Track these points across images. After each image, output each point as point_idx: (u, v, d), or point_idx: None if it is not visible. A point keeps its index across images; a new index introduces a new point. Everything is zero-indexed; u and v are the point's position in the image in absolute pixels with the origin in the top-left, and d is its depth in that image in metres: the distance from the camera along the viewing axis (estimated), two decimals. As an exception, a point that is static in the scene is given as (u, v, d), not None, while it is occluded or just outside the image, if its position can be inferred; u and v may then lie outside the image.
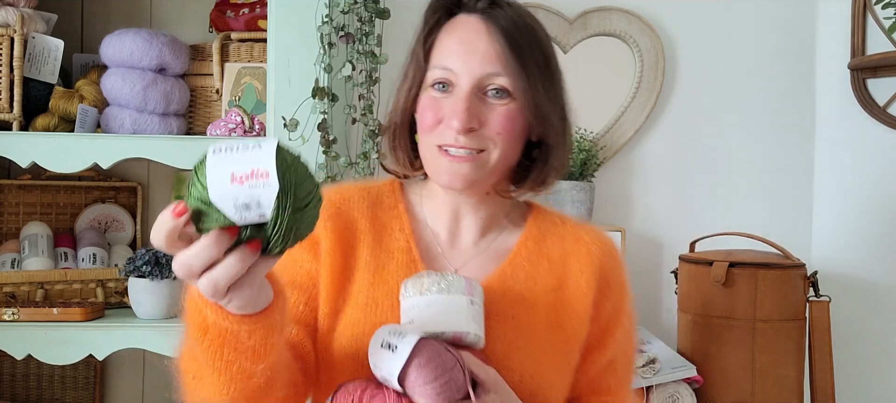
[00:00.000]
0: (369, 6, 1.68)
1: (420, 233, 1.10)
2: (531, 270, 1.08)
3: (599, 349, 1.11)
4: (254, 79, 1.87)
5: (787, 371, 1.84)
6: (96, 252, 1.91)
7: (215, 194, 0.68)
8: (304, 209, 0.71)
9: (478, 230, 1.10)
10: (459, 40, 1.02)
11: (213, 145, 0.70)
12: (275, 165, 0.68)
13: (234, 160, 0.68)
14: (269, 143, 0.69)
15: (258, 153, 0.68)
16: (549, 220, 1.14)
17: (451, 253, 1.09)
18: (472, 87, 1.00)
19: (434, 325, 0.93)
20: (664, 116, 2.20)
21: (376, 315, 1.02)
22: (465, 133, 0.99)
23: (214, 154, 0.69)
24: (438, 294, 0.94)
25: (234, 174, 0.68)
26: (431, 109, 1.02)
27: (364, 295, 1.03)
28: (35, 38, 1.79)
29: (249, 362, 0.81)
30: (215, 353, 0.80)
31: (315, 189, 0.72)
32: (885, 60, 2.05)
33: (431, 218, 1.11)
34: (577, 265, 1.09)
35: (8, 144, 1.69)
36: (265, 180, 0.68)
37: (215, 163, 0.68)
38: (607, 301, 1.10)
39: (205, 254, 0.70)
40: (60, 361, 1.68)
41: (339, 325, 1.02)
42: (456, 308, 0.94)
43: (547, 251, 1.10)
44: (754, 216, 2.19)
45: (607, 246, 1.12)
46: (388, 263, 1.05)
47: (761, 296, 1.82)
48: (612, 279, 1.11)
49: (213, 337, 0.79)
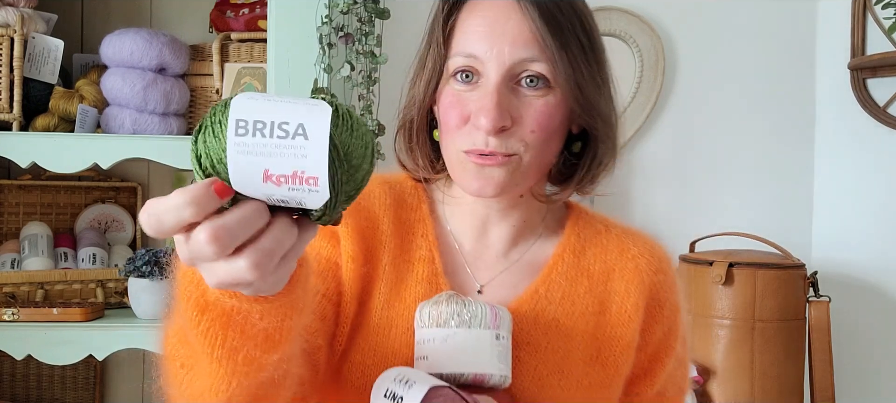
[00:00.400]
0: (369, 6, 1.68)
1: (445, 242, 0.95)
2: (568, 289, 0.93)
3: (646, 380, 0.97)
4: (254, 79, 1.87)
5: (787, 371, 1.84)
6: (96, 252, 1.91)
7: (239, 184, 0.53)
8: (358, 178, 0.56)
9: (508, 239, 0.95)
10: (485, 20, 0.85)
11: (237, 105, 0.53)
12: (328, 169, 0.52)
13: (267, 151, 0.51)
14: (319, 128, 0.52)
15: (303, 147, 0.51)
16: (591, 227, 0.98)
17: (477, 266, 0.94)
18: (503, 77, 0.84)
19: (452, 365, 0.80)
20: (664, 116, 2.20)
21: (390, 340, 0.88)
22: (495, 134, 0.83)
23: (238, 134, 0.52)
24: (458, 327, 0.81)
25: (269, 172, 0.52)
26: (456, 106, 0.86)
27: (378, 315, 0.89)
28: (35, 38, 1.79)
29: (260, 350, 0.63)
30: (216, 338, 0.62)
31: (368, 146, 0.56)
32: (885, 60, 2.05)
33: (454, 223, 0.96)
34: (621, 283, 0.94)
35: (8, 144, 1.69)
36: (312, 187, 0.52)
37: (239, 151, 0.52)
38: (657, 325, 0.95)
39: (247, 227, 0.53)
40: (60, 361, 1.68)
41: (351, 350, 0.89)
42: (478, 345, 0.81)
43: (587, 265, 0.95)
44: (754, 216, 2.19)
45: (658, 260, 0.96)
46: (407, 275, 0.91)
47: (761, 296, 1.82)
48: (663, 299, 0.95)
49: (214, 318, 0.61)
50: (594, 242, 0.96)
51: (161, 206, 0.53)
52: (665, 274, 0.96)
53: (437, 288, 0.90)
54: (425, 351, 0.82)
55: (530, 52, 0.84)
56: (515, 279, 0.94)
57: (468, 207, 0.95)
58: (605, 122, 0.89)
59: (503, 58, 0.84)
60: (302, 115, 0.52)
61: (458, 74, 0.87)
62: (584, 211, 1.00)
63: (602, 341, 0.92)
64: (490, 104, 0.83)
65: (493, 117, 0.82)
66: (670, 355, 0.97)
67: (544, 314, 0.91)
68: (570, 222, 0.98)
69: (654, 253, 0.96)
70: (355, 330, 0.89)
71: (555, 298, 0.92)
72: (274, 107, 0.52)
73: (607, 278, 0.94)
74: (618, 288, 0.94)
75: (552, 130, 0.86)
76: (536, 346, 0.89)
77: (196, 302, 0.62)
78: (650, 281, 0.94)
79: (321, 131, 0.51)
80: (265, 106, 0.52)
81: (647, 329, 0.94)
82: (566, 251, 0.95)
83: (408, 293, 0.90)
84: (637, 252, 0.96)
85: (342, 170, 0.53)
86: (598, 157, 0.91)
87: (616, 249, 0.96)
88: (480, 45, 0.85)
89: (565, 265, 0.94)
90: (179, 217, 0.52)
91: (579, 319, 0.91)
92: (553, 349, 0.89)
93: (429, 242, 0.93)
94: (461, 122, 0.86)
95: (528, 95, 0.85)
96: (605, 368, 0.91)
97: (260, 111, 0.52)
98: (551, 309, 0.91)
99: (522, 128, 0.84)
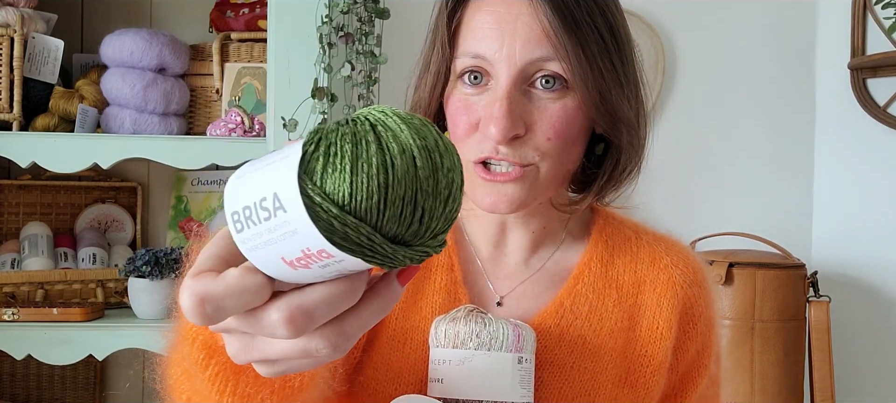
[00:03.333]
0: (369, 6, 1.68)
1: (464, 248, 0.88)
2: (596, 302, 0.85)
3: (676, 400, 0.89)
4: (254, 79, 1.87)
5: (787, 371, 1.84)
6: (96, 252, 1.91)
7: (278, 276, 0.44)
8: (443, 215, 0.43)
9: (527, 246, 0.87)
10: (493, 17, 0.77)
11: (228, 194, 0.43)
12: (331, 240, 0.40)
13: (267, 239, 0.41)
14: (289, 191, 0.40)
15: (288, 222, 0.40)
16: (620, 233, 0.90)
17: (497, 275, 0.87)
18: (514, 79, 0.76)
19: (469, 391, 0.74)
20: (664, 116, 2.20)
21: (404, 355, 0.81)
22: (507, 143, 0.76)
23: (238, 231, 0.42)
24: (477, 349, 0.75)
25: (285, 259, 0.42)
26: (463, 112, 0.78)
27: (392, 326, 0.82)
28: (35, 38, 1.79)
29: (277, 398, 0.57)
30: (225, 385, 0.55)
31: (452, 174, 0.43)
32: (885, 60, 2.05)
33: (471, 229, 0.89)
34: (653, 296, 0.86)
35: (8, 144, 1.69)
36: (331, 260, 0.41)
37: (248, 248, 0.43)
38: (691, 341, 0.87)
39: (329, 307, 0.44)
40: (60, 361, 1.68)
41: (365, 365, 0.82)
42: (499, 369, 0.74)
43: (616, 276, 0.87)
44: (754, 216, 2.19)
45: (693, 271, 0.89)
46: (425, 284, 0.84)
47: (761, 296, 1.82)
48: (697, 314, 0.87)
49: (224, 363, 0.55)
50: (623, 250, 0.88)
51: (218, 291, 0.43)
52: (700, 286, 0.88)
53: (455, 299, 0.83)
54: (440, 374, 0.76)
55: (544, 50, 0.75)
56: (538, 290, 0.86)
57: (484, 213, 0.85)
58: (629, 128, 0.81)
59: (514, 58, 0.75)
60: (273, 180, 0.40)
61: (466, 76, 0.79)
62: (611, 216, 0.92)
63: (632, 361, 0.84)
64: (500, 112, 0.74)
65: (504, 127, 0.74)
66: (703, 374, 0.89)
67: (570, 330, 0.83)
68: (597, 228, 0.89)
69: (689, 263, 0.89)
70: (370, 343, 0.82)
71: (581, 313, 0.84)
72: (255, 180, 0.42)
73: (638, 290, 0.86)
74: (649, 301, 0.86)
75: (571, 137, 0.78)
76: (561, 367, 0.82)
77: (203, 345, 0.55)
78: (684, 294, 0.87)
79: (292, 195, 0.39)
80: (250, 180, 0.42)
81: (679, 346, 0.86)
82: (593, 260, 0.87)
83: (425, 303, 0.83)
84: (670, 262, 0.88)
85: (352, 228, 0.40)
86: (621, 164, 0.83)
87: (647, 258, 0.88)
88: (488, 43, 0.76)
89: (592, 275, 0.86)
90: (245, 304, 0.44)
91: (608, 336, 0.83)
92: (579, 369, 0.82)
93: (447, 248, 0.85)
94: (470, 130, 0.78)
95: (544, 98, 0.76)
96: (635, 391, 0.84)
97: (245, 192, 0.42)
98: (577, 324, 0.83)
99: (537, 136, 0.76)
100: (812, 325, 1.91)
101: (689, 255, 0.90)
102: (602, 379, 0.83)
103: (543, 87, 0.76)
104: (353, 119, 0.43)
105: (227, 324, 0.46)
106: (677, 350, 0.87)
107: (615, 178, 0.84)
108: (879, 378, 2.14)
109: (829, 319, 1.89)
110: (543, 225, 0.87)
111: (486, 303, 0.86)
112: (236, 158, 1.70)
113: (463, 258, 0.87)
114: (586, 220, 0.91)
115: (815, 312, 1.90)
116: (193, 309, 0.43)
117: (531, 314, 0.84)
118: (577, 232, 0.90)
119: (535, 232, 0.87)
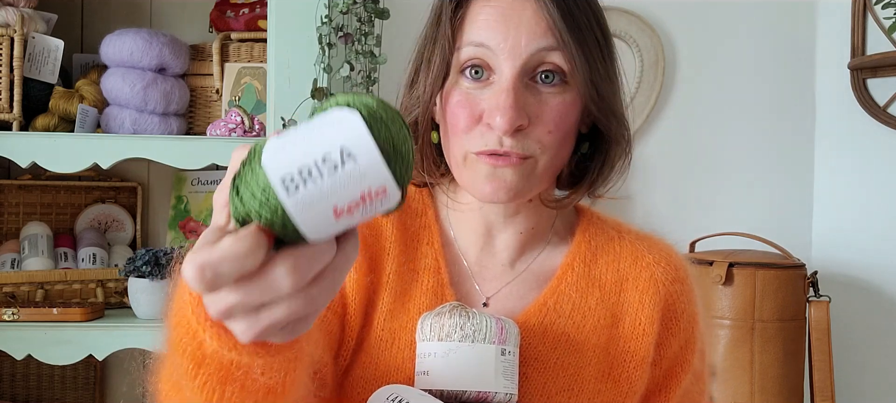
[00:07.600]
0: (368, 6, 1.68)
1: (450, 250, 0.90)
2: (579, 301, 0.87)
3: (660, 397, 0.91)
4: (254, 79, 1.87)
5: (786, 371, 1.84)
6: (96, 252, 1.91)
7: (314, 233, 0.49)
8: (410, 157, 0.52)
9: (515, 248, 0.89)
10: (497, 11, 0.79)
11: (270, 163, 0.48)
12: (389, 170, 0.48)
13: (326, 192, 0.47)
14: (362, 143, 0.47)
15: (358, 169, 0.47)
16: (603, 233, 0.93)
17: (483, 276, 0.89)
18: (518, 72, 0.78)
19: (453, 381, 0.76)
20: (664, 116, 2.20)
21: (392, 354, 0.83)
22: (512, 134, 0.78)
23: (291, 193, 0.47)
24: (461, 341, 0.76)
25: (338, 208, 0.48)
26: (465, 106, 0.80)
27: (380, 327, 0.84)
28: (35, 38, 1.79)
29: None
30: (213, 392, 0.57)
31: (402, 123, 0.52)
32: (885, 60, 2.05)
33: (459, 231, 0.90)
34: (635, 294, 0.89)
35: (8, 144, 1.69)
36: (382, 197, 0.49)
37: (300, 207, 0.48)
38: (673, 338, 0.89)
39: (319, 259, 0.49)
40: (60, 361, 1.68)
41: (354, 364, 0.84)
42: (482, 360, 0.76)
43: (598, 275, 0.89)
44: (754, 216, 2.19)
45: (675, 269, 0.91)
46: (412, 285, 0.86)
47: (761, 296, 1.83)
48: (679, 310, 0.90)
49: (211, 372, 0.56)
50: (606, 249, 0.91)
51: (214, 258, 0.47)
52: (682, 283, 0.90)
53: (442, 300, 0.85)
54: (426, 366, 0.78)
55: (548, 41, 0.78)
56: (523, 290, 0.88)
57: (472, 213, 0.89)
58: (619, 122, 0.85)
59: (519, 50, 0.78)
60: (339, 138, 0.47)
61: (468, 71, 0.81)
62: (595, 216, 0.95)
63: (614, 356, 0.87)
64: (506, 102, 0.77)
65: (510, 116, 0.77)
66: (686, 370, 0.91)
67: (553, 327, 0.85)
68: (581, 228, 0.92)
69: (671, 260, 0.91)
70: (359, 343, 0.85)
71: (564, 311, 0.86)
72: (306, 144, 0.48)
73: (620, 288, 0.89)
74: (631, 298, 0.88)
75: (568, 131, 0.82)
76: (545, 362, 0.84)
77: (192, 356, 0.56)
78: (666, 291, 0.89)
79: (366, 145, 0.47)
80: (296, 148, 0.48)
81: (662, 342, 0.89)
82: (576, 260, 0.90)
83: (412, 304, 0.85)
84: (652, 260, 0.90)
85: (400, 164, 0.50)
86: (610, 159, 0.87)
87: (629, 257, 0.90)
88: (493, 34, 0.79)
89: (575, 275, 0.89)
90: (241, 267, 0.47)
91: (591, 333, 0.86)
92: (563, 365, 0.85)
93: (434, 250, 0.88)
94: (472, 123, 0.80)
95: (544, 92, 0.80)
96: (618, 385, 0.86)
97: (296, 156, 0.48)
98: (561, 322, 0.86)
99: (539, 128, 0.79)
100: (812, 325, 1.91)
101: (672, 253, 0.92)
102: (585, 375, 0.85)
103: (544, 82, 0.80)
104: (355, 104, 0.50)
105: (228, 304, 0.49)
106: (660, 345, 0.89)
107: (606, 172, 0.88)
108: (879, 378, 2.14)
109: (829, 319, 1.89)
110: (532, 226, 0.90)
111: (472, 304, 0.88)
112: (236, 158, 1.70)
113: (450, 260, 0.89)
114: (571, 221, 0.94)
115: (815, 312, 1.90)
116: (194, 277, 0.47)
117: (516, 312, 0.86)
118: (562, 232, 0.93)
119: (524, 232, 0.89)
